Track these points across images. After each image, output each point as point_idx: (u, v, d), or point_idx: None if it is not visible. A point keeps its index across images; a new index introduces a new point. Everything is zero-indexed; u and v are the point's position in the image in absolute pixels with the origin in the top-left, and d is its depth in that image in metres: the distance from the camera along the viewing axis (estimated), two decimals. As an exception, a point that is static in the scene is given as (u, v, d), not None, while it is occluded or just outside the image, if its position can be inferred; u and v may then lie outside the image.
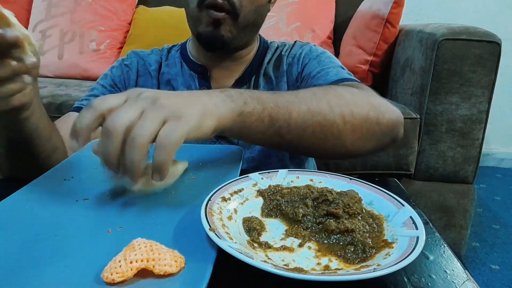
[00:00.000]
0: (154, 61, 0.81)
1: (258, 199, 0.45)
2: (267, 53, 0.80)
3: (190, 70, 0.78)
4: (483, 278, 1.31)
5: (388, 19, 1.42)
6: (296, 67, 0.77)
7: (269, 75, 0.78)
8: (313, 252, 0.37)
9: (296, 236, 0.39)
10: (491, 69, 1.19)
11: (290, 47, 0.81)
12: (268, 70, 0.78)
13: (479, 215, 1.74)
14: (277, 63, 0.79)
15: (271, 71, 0.78)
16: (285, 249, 0.37)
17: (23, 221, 0.39)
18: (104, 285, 0.30)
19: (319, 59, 0.75)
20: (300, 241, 0.38)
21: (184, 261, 0.32)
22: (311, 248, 0.37)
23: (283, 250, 0.37)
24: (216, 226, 0.36)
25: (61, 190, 0.46)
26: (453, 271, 0.36)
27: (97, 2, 1.72)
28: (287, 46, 0.81)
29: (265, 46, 0.81)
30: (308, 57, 0.76)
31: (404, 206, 0.41)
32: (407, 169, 1.30)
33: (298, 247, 0.37)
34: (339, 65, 0.74)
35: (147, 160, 0.42)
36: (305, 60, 0.76)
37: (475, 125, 1.24)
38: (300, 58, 0.77)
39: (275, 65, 0.79)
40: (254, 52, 0.80)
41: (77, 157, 0.54)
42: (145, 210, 0.43)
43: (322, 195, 0.43)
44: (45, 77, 1.65)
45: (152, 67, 0.80)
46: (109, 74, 0.80)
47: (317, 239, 0.39)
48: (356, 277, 0.30)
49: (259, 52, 0.80)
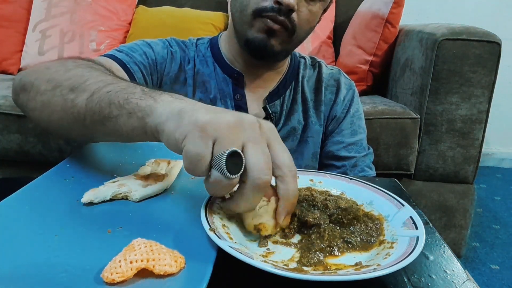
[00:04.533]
0: (191, 56, 0.77)
1: None
2: (299, 66, 0.80)
3: (223, 73, 0.76)
4: (483, 278, 1.31)
5: (388, 19, 1.42)
6: (335, 112, 0.79)
7: (305, 95, 0.78)
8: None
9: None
10: (491, 69, 1.19)
11: (332, 75, 0.81)
12: (304, 88, 0.79)
13: (479, 215, 1.74)
14: (317, 86, 0.80)
15: (308, 91, 0.79)
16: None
17: (23, 221, 0.39)
18: (104, 285, 0.30)
19: (353, 127, 0.79)
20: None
21: (184, 261, 0.32)
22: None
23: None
24: (216, 226, 0.36)
25: (61, 190, 0.46)
26: (453, 271, 0.36)
27: (97, 2, 1.72)
28: (324, 68, 0.82)
29: (296, 59, 0.82)
30: (351, 118, 0.80)
31: (404, 206, 0.41)
32: (407, 169, 1.30)
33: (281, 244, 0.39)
34: (365, 136, 0.81)
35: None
36: (347, 117, 0.79)
37: (475, 125, 1.24)
38: (345, 108, 0.79)
39: (315, 88, 0.79)
40: (287, 65, 0.79)
41: (77, 157, 0.54)
42: (145, 210, 0.43)
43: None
44: (45, 77, 1.65)
45: (189, 65, 0.76)
46: (154, 50, 0.74)
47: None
48: (356, 277, 0.30)
49: (292, 63, 0.80)
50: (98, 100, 0.44)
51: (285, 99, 0.77)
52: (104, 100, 0.44)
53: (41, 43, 1.67)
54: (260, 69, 0.76)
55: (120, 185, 0.45)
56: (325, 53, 1.71)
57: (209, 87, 0.75)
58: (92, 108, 0.45)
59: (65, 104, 0.48)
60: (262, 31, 0.66)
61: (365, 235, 0.39)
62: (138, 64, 0.70)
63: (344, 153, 0.77)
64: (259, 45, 0.67)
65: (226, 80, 0.75)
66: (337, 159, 0.78)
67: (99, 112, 0.44)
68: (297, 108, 0.77)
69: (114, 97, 0.43)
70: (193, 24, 1.66)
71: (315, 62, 0.83)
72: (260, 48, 0.68)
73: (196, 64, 0.76)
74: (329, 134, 0.79)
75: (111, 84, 0.46)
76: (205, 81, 0.76)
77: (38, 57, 1.66)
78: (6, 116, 1.19)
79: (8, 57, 1.67)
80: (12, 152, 1.22)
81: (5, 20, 1.68)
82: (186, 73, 0.75)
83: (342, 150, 0.77)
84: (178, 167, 0.51)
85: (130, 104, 0.41)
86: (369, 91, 1.54)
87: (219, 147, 0.34)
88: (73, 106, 0.47)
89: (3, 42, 1.66)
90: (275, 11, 0.64)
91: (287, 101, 0.77)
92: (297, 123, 0.77)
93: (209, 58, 0.77)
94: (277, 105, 0.76)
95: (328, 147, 0.79)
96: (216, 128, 0.35)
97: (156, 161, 0.53)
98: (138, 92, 0.42)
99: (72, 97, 0.47)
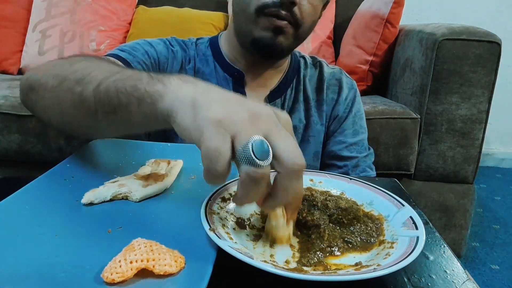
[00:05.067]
0: (192, 56, 0.77)
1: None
2: (300, 65, 0.80)
3: (224, 72, 0.75)
4: (483, 278, 1.31)
5: (388, 19, 1.42)
6: (337, 111, 0.79)
7: (307, 94, 0.78)
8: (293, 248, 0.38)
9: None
10: (491, 69, 1.19)
11: (333, 75, 0.81)
12: (306, 87, 0.79)
13: (479, 215, 1.74)
14: (319, 85, 0.79)
15: (310, 90, 0.79)
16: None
17: (23, 221, 0.39)
18: (104, 285, 0.30)
19: (355, 127, 0.79)
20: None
21: (184, 261, 0.32)
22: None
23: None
24: (216, 226, 0.36)
25: (61, 190, 0.46)
26: (453, 271, 0.36)
27: (97, 2, 1.72)
28: (325, 67, 0.82)
29: (296, 58, 0.81)
30: (353, 118, 0.80)
31: (404, 206, 0.41)
32: (407, 169, 1.30)
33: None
34: (367, 136, 0.82)
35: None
36: (349, 117, 0.79)
37: (475, 125, 1.24)
38: (347, 108, 0.79)
39: (316, 87, 0.79)
40: (288, 63, 0.79)
41: (77, 157, 0.54)
42: (145, 210, 0.43)
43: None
44: (45, 77, 1.65)
45: (190, 65, 0.76)
46: (156, 49, 0.74)
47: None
48: (356, 277, 0.30)
49: (292, 62, 0.80)
50: (105, 90, 0.43)
51: (286, 98, 0.77)
52: (112, 90, 0.42)
53: (41, 43, 1.67)
54: (261, 68, 0.75)
55: (120, 185, 0.45)
56: (325, 53, 1.71)
57: None
58: (101, 99, 0.44)
59: (74, 98, 0.47)
60: (268, 30, 0.66)
61: (365, 235, 0.39)
62: (141, 63, 0.70)
63: (346, 153, 0.77)
64: (267, 43, 0.67)
65: (226, 79, 0.75)
66: (339, 159, 0.78)
67: (108, 103, 0.43)
68: (298, 107, 0.77)
69: (121, 85, 0.42)
70: (193, 24, 1.66)
71: (316, 62, 0.83)
72: (268, 47, 0.68)
73: (196, 63, 0.76)
74: (331, 134, 0.80)
75: (117, 73, 0.44)
76: (206, 80, 0.75)
77: (38, 57, 1.66)
78: (6, 116, 1.19)
79: (8, 57, 1.67)
80: (12, 152, 1.22)
81: (5, 20, 1.68)
82: (187, 72, 0.75)
83: (344, 150, 0.77)
84: (178, 167, 0.51)
85: (138, 91, 0.40)
86: (369, 91, 1.54)
87: (240, 140, 0.32)
88: (82, 100, 0.45)
89: (3, 42, 1.66)
90: (277, 6, 0.64)
91: (288, 100, 0.77)
92: (298, 122, 0.77)
93: (209, 57, 0.77)
94: (278, 104, 0.76)
95: (330, 147, 0.79)
96: (233, 122, 0.33)
97: (156, 161, 0.53)
98: (145, 78, 0.41)
99: (80, 90, 0.46)
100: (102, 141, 0.58)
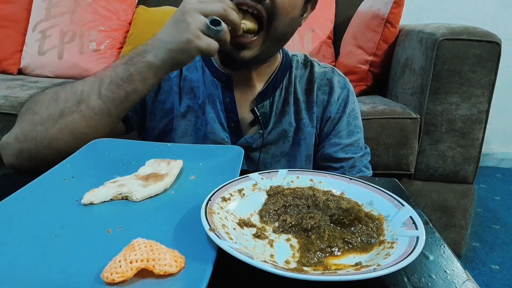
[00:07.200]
0: None
1: (259, 197, 0.45)
2: (292, 66, 0.78)
3: (212, 76, 0.75)
4: (483, 278, 1.31)
5: (388, 19, 1.42)
6: (329, 113, 0.77)
7: (298, 96, 0.76)
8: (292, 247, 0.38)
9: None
10: (491, 69, 1.19)
11: (324, 75, 0.79)
12: (297, 89, 0.77)
13: (479, 215, 1.74)
14: (308, 87, 0.77)
15: (300, 92, 0.77)
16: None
17: (23, 221, 0.39)
18: (104, 285, 0.30)
19: (350, 128, 0.78)
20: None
21: (184, 261, 0.32)
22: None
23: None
24: (216, 226, 0.36)
25: (61, 190, 0.46)
26: (453, 271, 0.36)
27: (97, 2, 1.72)
28: (316, 67, 0.79)
29: (288, 58, 0.79)
30: (347, 119, 0.78)
31: (404, 206, 0.41)
32: (407, 169, 1.30)
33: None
34: (362, 135, 0.80)
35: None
36: (343, 118, 0.77)
37: (475, 125, 1.24)
38: (340, 109, 0.77)
39: (306, 88, 0.77)
40: (278, 64, 0.77)
41: (77, 157, 0.54)
42: (145, 210, 0.43)
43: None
44: (45, 77, 1.65)
45: (174, 73, 0.75)
46: None
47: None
48: (356, 277, 0.30)
49: (283, 64, 0.77)
50: (109, 90, 0.56)
51: (275, 99, 0.75)
52: (112, 88, 0.56)
53: (41, 43, 1.67)
54: (247, 72, 0.74)
55: (120, 185, 0.45)
56: (325, 53, 1.71)
57: (198, 92, 0.74)
58: (109, 99, 0.57)
59: (84, 115, 0.57)
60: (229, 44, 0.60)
61: (365, 236, 0.39)
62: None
63: (342, 155, 0.76)
64: (230, 57, 0.65)
65: (215, 83, 0.74)
66: (335, 161, 0.77)
67: (118, 97, 0.57)
68: (288, 110, 0.76)
69: (116, 81, 0.56)
70: (193, 24, 1.66)
71: (307, 61, 0.80)
72: (232, 61, 0.66)
73: (183, 71, 0.76)
74: (325, 136, 0.78)
75: (102, 74, 0.58)
76: (193, 87, 0.75)
77: (38, 57, 1.66)
78: (6, 116, 1.19)
79: (8, 57, 1.67)
80: (12, 152, 1.22)
81: (5, 20, 1.68)
82: (172, 81, 0.75)
83: (339, 152, 0.76)
84: (178, 167, 0.51)
85: (132, 76, 0.56)
86: (369, 91, 1.54)
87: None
88: (92, 110, 0.57)
89: (3, 42, 1.66)
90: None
91: (277, 102, 0.75)
92: (288, 126, 0.75)
93: (198, 63, 0.76)
94: (266, 105, 0.75)
95: (325, 149, 0.77)
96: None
97: (156, 161, 0.53)
98: (124, 61, 0.58)
99: (84, 107, 0.56)
100: (102, 141, 0.58)
